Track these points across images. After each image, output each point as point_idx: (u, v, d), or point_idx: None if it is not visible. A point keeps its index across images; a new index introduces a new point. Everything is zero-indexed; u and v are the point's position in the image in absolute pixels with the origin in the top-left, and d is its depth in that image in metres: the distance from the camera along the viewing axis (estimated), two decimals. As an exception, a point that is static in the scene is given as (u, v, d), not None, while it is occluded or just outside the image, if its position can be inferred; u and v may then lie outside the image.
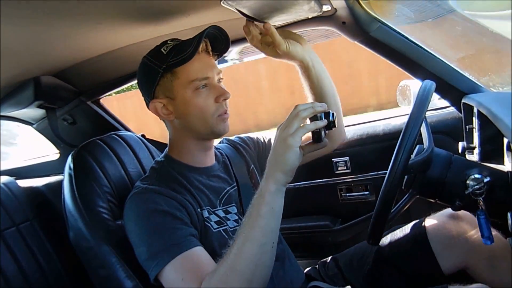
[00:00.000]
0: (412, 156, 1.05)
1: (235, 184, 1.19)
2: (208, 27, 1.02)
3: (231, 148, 1.31)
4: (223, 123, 1.08)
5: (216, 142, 1.26)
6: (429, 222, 1.24)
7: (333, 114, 0.91)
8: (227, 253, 0.86)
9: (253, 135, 1.38)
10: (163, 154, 1.17)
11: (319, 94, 1.21)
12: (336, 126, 0.92)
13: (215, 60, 1.14)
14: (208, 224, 1.05)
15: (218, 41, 1.11)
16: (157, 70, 1.04)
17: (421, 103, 0.93)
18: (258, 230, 0.84)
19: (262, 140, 1.37)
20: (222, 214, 1.10)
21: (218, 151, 1.26)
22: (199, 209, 1.05)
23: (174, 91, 1.05)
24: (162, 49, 1.06)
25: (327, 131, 0.93)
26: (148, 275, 0.93)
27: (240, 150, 1.31)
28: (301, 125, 0.86)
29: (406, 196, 1.06)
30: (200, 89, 1.04)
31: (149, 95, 1.09)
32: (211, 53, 1.11)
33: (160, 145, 1.63)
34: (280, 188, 0.86)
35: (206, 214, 1.06)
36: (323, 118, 0.89)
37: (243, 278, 0.82)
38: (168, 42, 1.08)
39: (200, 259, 0.92)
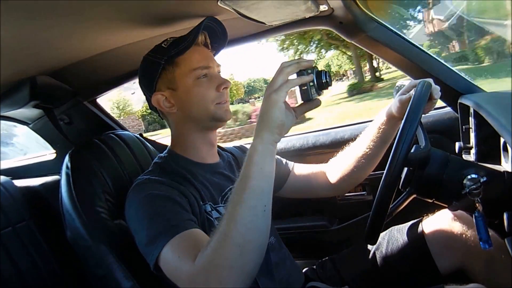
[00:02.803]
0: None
1: None
2: (205, 18, 1.05)
3: (240, 152, 1.32)
4: (224, 109, 1.09)
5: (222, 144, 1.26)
6: (426, 222, 1.25)
7: (326, 72, 0.88)
8: (220, 221, 0.83)
9: None
10: (166, 150, 1.17)
11: (377, 152, 1.22)
12: (331, 85, 0.88)
13: (214, 54, 1.16)
14: (211, 219, 1.05)
15: (216, 35, 1.14)
16: (159, 63, 1.07)
17: (418, 102, 0.93)
18: (248, 192, 0.80)
19: None
20: (223, 211, 1.09)
21: (225, 152, 1.26)
22: (201, 202, 1.05)
23: (176, 81, 1.07)
24: (162, 44, 1.10)
25: (321, 92, 0.90)
26: (149, 263, 0.90)
27: None
28: (286, 81, 0.83)
29: (403, 194, 1.06)
30: (201, 79, 1.07)
31: (151, 89, 1.10)
32: (209, 46, 1.14)
33: (158, 145, 1.63)
34: (267, 147, 0.83)
35: (208, 208, 1.06)
36: (314, 75, 0.86)
37: (235, 243, 0.78)
38: (168, 39, 1.11)
39: (198, 238, 0.89)
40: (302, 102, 0.90)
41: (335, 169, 1.30)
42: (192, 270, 0.81)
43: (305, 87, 0.87)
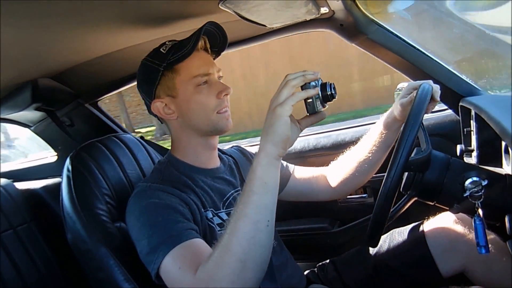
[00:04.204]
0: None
1: (239, 188, 1.18)
2: (205, 23, 1.03)
3: (240, 154, 1.31)
4: (225, 119, 1.08)
5: (224, 146, 1.26)
6: (428, 225, 1.24)
7: (331, 85, 0.86)
8: (222, 234, 0.82)
9: None
10: (166, 155, 1.16)
11: (379, 157, 1.22)
12: (336, 97, 0.86)
13: (214, 58, 1.15)
14: (213, 225, 1.04)
15: (215, 39, 1.12)
16: (158, 69, 1.05)
17: (419, 104, 0.93)
18: (251, 207, 0.79)
19: None
20: (225, 216, 1.09)
21: (225, 155, 1.25)
22: (203, 209, 1.04)
23: (175, 89, 1.06)
24: (161, 49, 1.07)
25: (326, 104, 0.88)
26: (150, 272, 0.90)
27: (250, 159, 1.30)
28: (292, 94, 0.81)
29: (404, 197, 1.05)
30: (201, 86, 1.05)
31: (150, 96, 1.08)
32: (209, 50, 1.13)
33: (159, 148, 1.63)
34: (271, 161, 0.81)
35: (210, 215, 1.05)
36: (319, 87, 0.85)
37: (236, 258, 0.77)
38: (166, 43, 1.09)
39: (199, 249, 0.89)
40: (307, 115, 0.89)
41: (336, 173, 1.30)
42: (193, 282, 0.81)
43: (311, 100, 0.85)
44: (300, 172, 1.34)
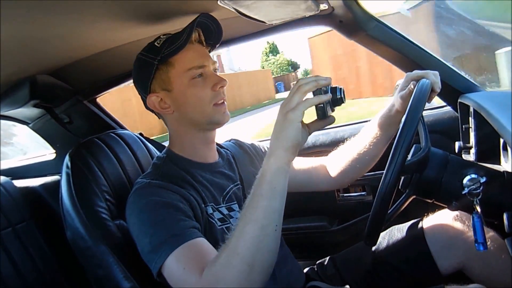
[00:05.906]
0: (409, 156, 1.05)
1: (239, 182, 1.17)
2: (198, 15, 1.02)
3: (237, 148, 1.30)
4: (222, 111, 1.08)
5: (221, 140, 1.26)
6: (427, 222, 1.25)
7: (340, 89, 0.86)
8: (229, 237, 0.82)
9: (260, 144, 1.37)
10: (164, 150, 1.15)
11: (380, 149, 1.22)
12: (345, 102, 0.87)
13: (209, 51, 1.14)
14: (213, 221, 1.04)
15: (210, 31, 1.11)
16: (152, 63, 1.04)
17: (418, 102, 0.93)
18: (259, 211, 0.79)
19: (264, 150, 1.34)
20: (225, 211, 1.08)
21: (223, 149, 1.25)
22: (203, 205, 1.04)
23: (170, 82, 1.05)
24: (155, 43, 1.06)
25: (334, 108, 0.89)
26: (151, 270, 0.89)
27: (247, 151, 1.30)
28: (303, 100, 0.81)
29: (403, 196, 1.06)
30: (196, 78, 1.04)
31: (145, 90, 1.08)
32: (204, 43, 1.12)
33: (158, 145, 1.63)
34: (282, 167, 0.81)
35: (210, 210, 1.05)
36: (329, 92, 0.84)
37: (244, 261, 0.77)
38: (161, 36, 1.08)
39: (203, 249, 0.88)
40: (317, 119, 0.89)
41: (336, 163, 1.30)
42: (199, 283, 0.81)
43: (322, 105, 0.85)
44: (299, 163, 1.34)
